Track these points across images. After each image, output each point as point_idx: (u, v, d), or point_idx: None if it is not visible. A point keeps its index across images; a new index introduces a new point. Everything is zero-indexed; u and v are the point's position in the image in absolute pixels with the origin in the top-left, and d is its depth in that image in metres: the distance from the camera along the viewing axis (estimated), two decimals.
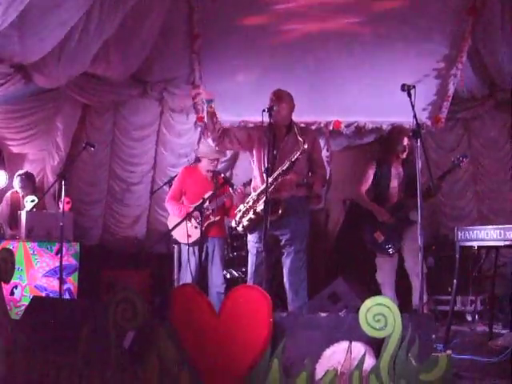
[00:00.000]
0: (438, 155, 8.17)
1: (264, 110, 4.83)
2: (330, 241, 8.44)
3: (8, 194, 7.50)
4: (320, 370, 3.16)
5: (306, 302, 5.25)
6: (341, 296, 6.61)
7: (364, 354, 3.09)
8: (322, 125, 7.68)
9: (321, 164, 5.47)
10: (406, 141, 6.17)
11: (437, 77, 7.62)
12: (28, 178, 7.45)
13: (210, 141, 5.43)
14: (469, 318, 7.33)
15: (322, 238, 8.18)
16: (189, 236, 5.96)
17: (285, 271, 5.29)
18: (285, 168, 5.04)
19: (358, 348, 3.13)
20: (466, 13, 7.25)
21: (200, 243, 5.64)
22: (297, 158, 5.03)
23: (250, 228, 5.27)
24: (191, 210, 5.77)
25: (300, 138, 5.05)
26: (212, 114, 5.24)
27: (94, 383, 3.59)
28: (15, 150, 7.96)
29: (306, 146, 5.02)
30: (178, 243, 6.43)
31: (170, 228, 6.02)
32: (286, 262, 5.28)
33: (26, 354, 3.81)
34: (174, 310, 3.47)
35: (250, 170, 5.53)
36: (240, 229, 5.33)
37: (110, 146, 8.32)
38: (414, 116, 4.46)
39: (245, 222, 5.24)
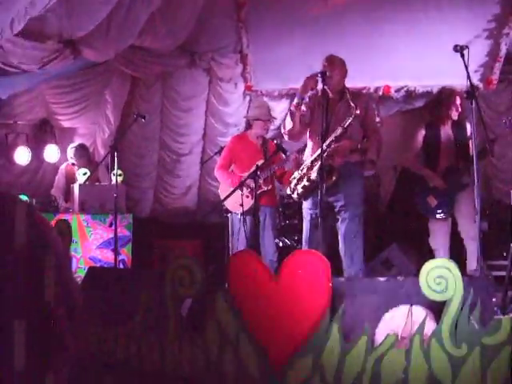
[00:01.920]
0: (489, 118, 7.98)
1: (317, 75, 4.79)
2: (381, 207, 8.38)
3: (63, 167, 7.61)
4: (380, 334, 3.17)
5: (361, 268, 5.23)
6: (394, 262, 6.62)
7: (425, 318, 3.07)
8: (372, 90, 7.57)
9: (375, 129, 5.42)
10: (458, 100, 6.05)
11: (488, 37, 7.41)
12: (82, 149, 7.55)
13: (286, 137, 5.41)
14: None
15: (373, 204, 8.11)
16: (241, 205, 5.97)
17: (340, 237, 5.28)
18: (338, 134, 5.01)
19: (419, 312, 3.12)
20: None
21: (254, 212, 5.64)
22: (349, 124, 4.99)
23: (304, 195, 5.25)
24: (244, 178, 5.78)
25: (352, 104, 5.00)
26: (297, 113, 5.18)
27: (153, 351, 3.65)
28: (66, 124, 8.07)
29: (358, 112, 4.98)
30: (230, 212, 6.44)
31: (223, 198, 6.02)
32: (341, 228, 5.25)
33: (86, 327, 3.90)
34: (232, 276, 3.50)
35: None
36: (295, 196, 5.31)
37: (159, 117, 8.35)
38: (468, 77, 4.39)
39: (299, 189, 5.23)
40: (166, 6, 6.54)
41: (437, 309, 3.10)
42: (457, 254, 6.03)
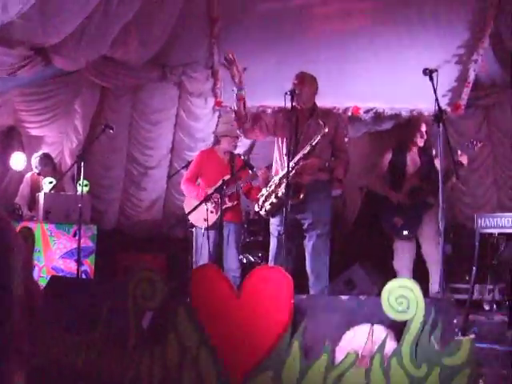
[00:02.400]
0: (457, 143, 8.09)
1: (286, 93, 4.80)
2: (347, 227, 8.42)
3: (28, 176, 7.52)
4: (340, 352, 3.16)
5: (326, 286, 5.24)
6: (357, 282, 6.64)
7: (385, 338, 3.08)
8: (341, 110, 7.62)
9: (343, 148, 5.41)
10: (424, 127, 6.15)
11: (457, 62, 7.54)
12: (47, 158, 7.48)
13: (238, 130, 5.39)
14: (486, 308, 7.29)
15: (339, 224, 8.15)
16: (205, 220, 5.95)
17: (307, 255, 5.27)
18: (306, 152, 5.01)
19: (380, 331, 3.12)
20: None
21: (219, 226, 5.62)
22: (317, 142, 4.99)
23: (272, 212, 5.23)
24: (210, 192, 5.76)
25: (321, 122, 5.02)
26: (241, 103, 5.18)
27: (113, 362, 3.61)
28: (34, 132, 7.98)
29: (326, 130, 4.98)
30: (195, 226, 6.41)
31: (187, 211, 6.00)
32: (308, 246, 5.25)
33: (45, 333, 3.84)
34: (194, 289, 3.48)
35: (269, 155, 5.51)
36: (263, 213, 5.29)
37: (128, 129, 8.31)
38: (436, 100, 4.44)
39: (267, 206, 5.21)
40: (139, 18, 6.54)
41: (398, 328, 3.11)
42: (420, 276, 6.08)
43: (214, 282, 3.42)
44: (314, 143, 4.99)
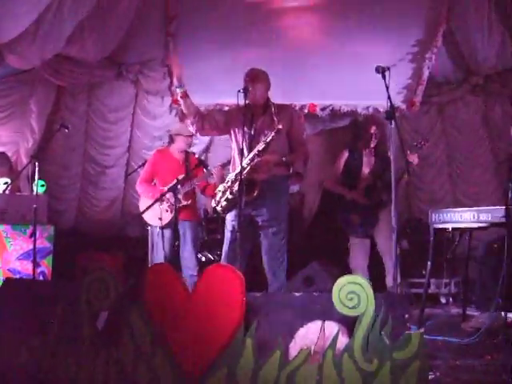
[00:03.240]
0: (412, 139, 8.19)
1: (239, 91, 4.81)
2: (305, 224, 8.46)
3: None
4: (293, 349, 3.17)
5: (284, 284, 5.24)
6: (315, 279, 6.67)
7: (337, 333, 3.10)
8: (297, 108, 7.65)
9: (301, 141, 5.34)
10: (373, 129, 6.21)
11: (412, 61, 7.67)
12: (3, 157, 7.38)
13: (190, 128, 5.39)
14: (443, 301, 7.41)
15: (297, 221, 8.19)
16: (160, 219, 5.95)
17: (263, 253, 5.26)
18: (260, 149, 4.99)
19: (332, 327, 3.14)
20: None
21: (174, 225, 5.62)
22: (272, 139, 4.97)
23: (227, 208, 5.17)
24: (164, 191, 5.75)
25: (275, 118, 5.02)
26: (185, 99, 5.22)
27: (68, 363, 3.58)
28: None
29: (280, 126, 4.95)
30: (150, 226, 6.40)
31: (141, 211, 6.00)
32: (264, 244, 5.23)
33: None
34: (147, 289, 3.46)
35: (226, 153, 5.52)
36: (219, 209, 5.21)
37: (84, 128, 8.25)
38: (388, 97, 4.46)
39: (223, 202, 5.15)
40: (94, 15, 6.50)
41: (350, 324, 3.13)
42: (378, 273, 6.15)
43: (166, 281, 3.41)
44: (267, 140, 4.97)
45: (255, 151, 4.99)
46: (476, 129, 8.36)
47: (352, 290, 3.08)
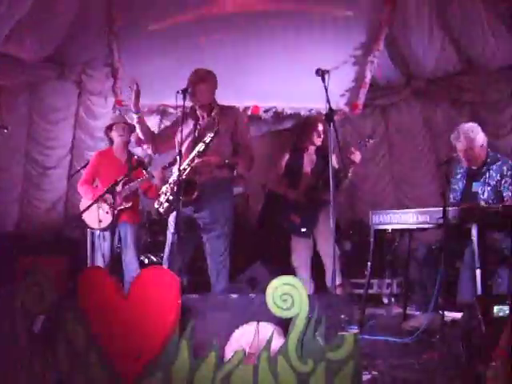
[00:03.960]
0: (355, 141, 8.27)
1: (178, 92, 4.79)
2: (250, 225, 8.46)
3: None
4: (229, 350, 3.19)
5: (226, 286, 5.23)
6: (259, 280, 6.68)
7: (272, 335, 3.12)
8: (241, 110, 7.66)
9: (245, 144, 5.31)
10: (321, 126, 6.27)
11: (354, 63, 7.75)
12: None
13: (149, 151, 5.42)
14: (385, 301, 7.49)
15: (242, 222, 8.19)
16: (100, 221, 5.90)
17: (207, 255, 5.25)
18: (200, 150, 4.98)
19: (267, 328, 3.16)
20: (384, 1, 7.36)
21: (111, 228, 5.57)
22: (211, 140, 4.96)
23: (169, 210, 5.12)
24: (101, 194, 5.68)
25: (216, 119, 5.03)
26: (141, 124, 5.23)
27: (3, 368, 3.53)
28: None
29: (218, 127, 4.97)
30: (91, 228, 6.34)
31: (79, 213, 5.95)
32: (207, 247, 5.22)
33: None
34: (82, 293, 3.43)
35: (172, 153, 5.49)
36: (161, 210, 5.18)
37: (26, 128, 8.10)
38: (328, 100, 4.51)
39: (164, 203, 5.12)
40: (33, 13, 6.38)
41: (286, 325, 3.15)
42: (320, 272, 6.20)
43: (101, 284, 3.38)
44: (206, 141, 4.96)
45: (195, 152, 4.97)
46: (418, 131, 8.48)
47: (286, 292, 3.10)
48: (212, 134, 4.95)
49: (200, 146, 4.98)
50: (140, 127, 5.23)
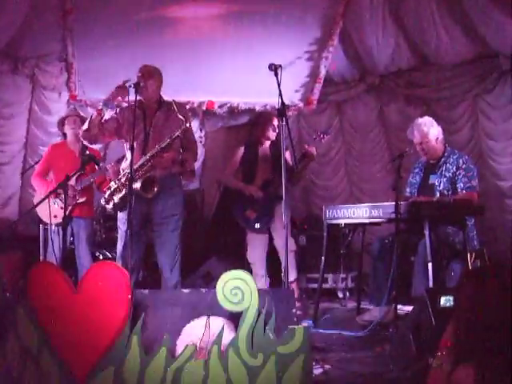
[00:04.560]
0: (310, 137, 8.32)
1: (130, 86, 4.80)
2: (206, 221, 8.47)
3: None
4: (180, 345, 3.20)
5: (178, 281, 5.25)
6: (214, 275, 6.71)
7: (222, 329, 3.14)
8: (196, 105, 7.66)
9: (192, 139, 5.49)
10: (275, 121, 6.31)
11: (309, 59, 7.76)
12: None
13: (85, 141, 5.36)
14: (340, 295, 7.56)
15: (198, 218, 8.20)
16: (54, 216, 5.85)
17: (158, 250, 5.27)
18: (164, 145, 5.01)
19: (217, 323, 3.18)
20: None
21: (64, 223, 5.52)
22: (177, 136, 5.02)
23: (121, 206, 5.08)
24: (53, 188, 5.62)
25: (181, 116, 5.03)
26: (100, 117, 5.20)
27: None
28: None
29: (188, 125, 5.06)
30: (44, 223, 6.28)
31: (31, 207, 5.90)
32: (158, 242, 5.25)
33: None
34: (32, 288, 3.41)
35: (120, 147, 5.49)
36: (109, 207, 5.16)
37: None
38: (280, 95, 4.54)
39: (116, 199, 5.08)
40: None
41: (237, 320, 3.18)
42: (276, 266, 6.22)
43: (51, 279, 3.37)
44: (173, 137, 5.01)
45: (157, 148, 4.99)
46: (372, 127, 8.56)
47: (236, 286, 3.12)
48: (179, 131, 5.03)
49: (164, 142, 5.02)
50: (92, 118, 5.20)
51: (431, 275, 4.97)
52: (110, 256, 7.36)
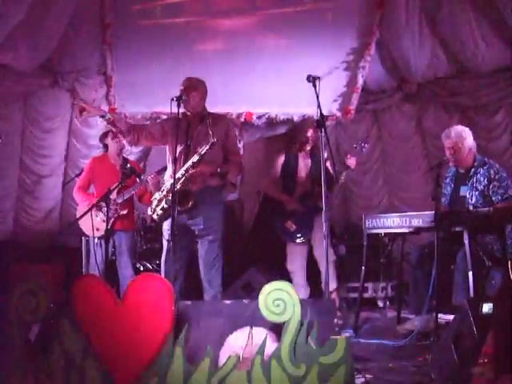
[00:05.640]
0: (349, 145, 8.31)
1: (172, 99, 4.84)
2: (245, 231, 8.49)
3: None
4: (223, 356, 3.22)
5: (219, 292, 5.28)
6: (254, 286, 6.72)
7: (265, 339, 3.15)
8: (234, 116, 7.67)
9: (235, 151, 5.49)
10: (309, 132, 6.33)
11: (346, 69, 7.75)
12: None
13: (126, 145, 5.47)
14: (380, 304, 7.52)
15: (237, 228, 8.22)
16: (97, 229, 5.91)
17: (200, 261, 5.32)
18: (195, 160, 5.04)
19: (260, 333, 3.20)
20: (375, 6, 7.40)
21: (106, 236, 5.57)
22: (206, 152, 5.03)
23: (164, 217, 5.19)
24: (95, 201, 5.69)
25: (210, 131, 5.05)
26: (114, 123, 5.26)
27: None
28: None
29: (214, 140, 5.02)
30: (88, 236, 6.34)
31: (73, 220, 5.97)
32: (201, 253, 5.30)
33: None
34: (76, 300, 3.46)
35: (164, 159, 5.53)
36: (155, 217, 5.26)
37: (20, 137, 8.12)
38: (318, 106, 4.55)
39: (159, 210, 5.19)
40: (26, 22, 6.41)
41: (278, 330, 3.19)
42: (318, 276, 6.22)
43: (95, 292, 3.41)
44: (202, 152, 5.03)
45: (190, 163, 5.03)
46: (410, 135, 8.53)
47: (278, 297, 3.13)
48: (207, 146, 5.03)
49: (195, 157, 5.04)
50: (114, 126, 5.29)
51: (472, 284, 4.94)
52: (151, 267, 7.43)
